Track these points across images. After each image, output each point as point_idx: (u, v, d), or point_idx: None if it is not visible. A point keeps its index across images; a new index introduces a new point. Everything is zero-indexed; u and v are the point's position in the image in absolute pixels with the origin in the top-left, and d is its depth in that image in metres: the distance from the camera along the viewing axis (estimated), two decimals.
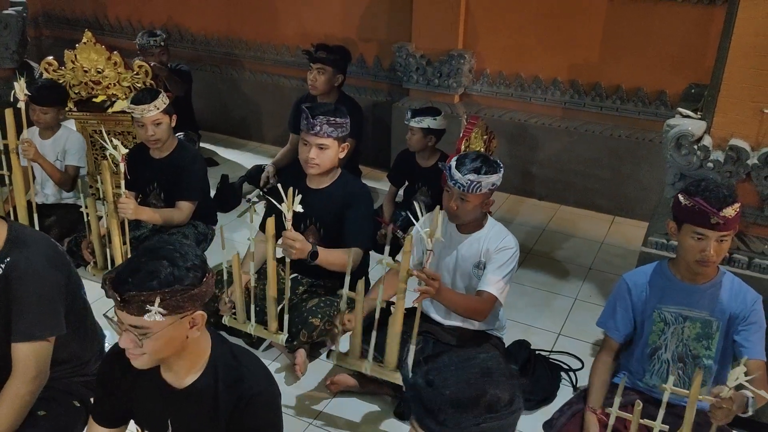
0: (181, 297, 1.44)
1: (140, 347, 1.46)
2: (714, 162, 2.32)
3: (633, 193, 4.09)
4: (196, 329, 1.52)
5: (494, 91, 4.32)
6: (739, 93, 2.29)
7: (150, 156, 3.32)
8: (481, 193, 2.36)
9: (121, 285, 1.42)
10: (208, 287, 1.51)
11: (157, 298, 1.40)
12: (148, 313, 1.41)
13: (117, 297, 1.41)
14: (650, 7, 3.72)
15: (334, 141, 2.66)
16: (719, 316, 2.18)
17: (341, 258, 2.67)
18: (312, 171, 2.70)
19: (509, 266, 2.43)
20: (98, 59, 3.77)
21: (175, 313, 1.45)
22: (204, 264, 1.51)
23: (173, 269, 1.43)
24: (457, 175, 2.35)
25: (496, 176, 2.37)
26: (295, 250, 2.45)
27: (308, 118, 2.63)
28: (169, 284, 1.42)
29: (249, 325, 2.61)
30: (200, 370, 1.60)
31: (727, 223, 2.01)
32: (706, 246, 2.04)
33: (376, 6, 4.52)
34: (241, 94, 5.25)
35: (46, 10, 5.99)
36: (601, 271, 3.58)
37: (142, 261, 1.45)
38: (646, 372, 2.33)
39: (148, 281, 1.41)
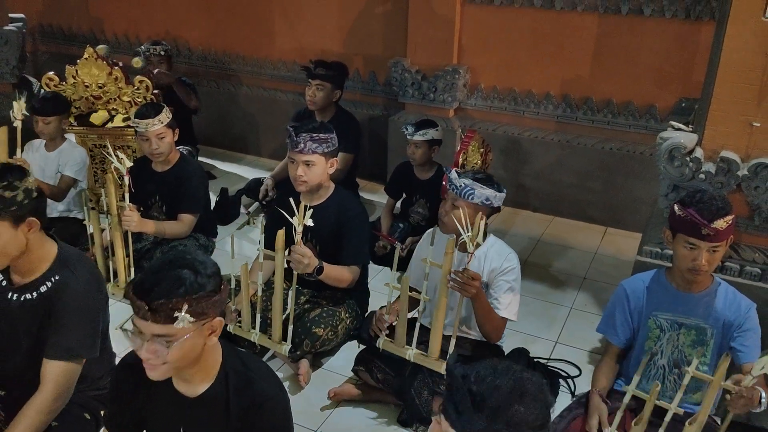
0: (206, 303, 1.49)
1: (164, 356, 1.49)
2: (706, 173, 2.40)
3: (624, 205, 4.18)
4: (213, 336, 1.56)
5: (488, 105, 4.41)
6: (729, 107, 2.37)
7: (152, 169, 3.36)
8: (472, 202, 2.39)
9: (148, 294, 1.45)
10: (225, 294, 1.56)
11: (185, 304, 1.45)
12: (176, 320, 1.44)
13: (145, 306, 1.44)
14: (639, 23, 3.83)
15: (321, 157, 2.71)
16: (713, 323, 2.25)
17: (343, 274, 2.77)
18: (301, 188, 2.76)
19: (516, 286, 2.51)
20: (99, 74, 3.82)
21: (199, 319, 1.49)
22: (220, 272, 1.56)
23: (196, 276, 1.48)
24: (453, 176, 2.43)
25: (491, 191, 2.40)
26: (303, 266, 2.50)
27: (292, 137, 2.69)
28: (195, 291, 1.46)
29: (253, 333, 2.65)
30: (212, 378, 1.63)
31: (718, 235, 2.07)
32: (698, 255, 2.11)
33: (371, 22, 4.61)
34: (239, 109, 5.31)
35: (42, 26, 6.02)
36: (595, 281, 3.65)
37: (163, 270, 1.49)
38: (642, 377, 2.39)
39: (175, 289, 1.45)
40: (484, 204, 2.41)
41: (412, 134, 3.60)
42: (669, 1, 3.71)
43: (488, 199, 2.41)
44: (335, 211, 2.82)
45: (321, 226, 2.78)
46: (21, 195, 1.87)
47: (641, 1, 3.77)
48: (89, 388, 2.17)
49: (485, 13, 4.19)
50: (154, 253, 3.32)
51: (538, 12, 4.06)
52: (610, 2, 3.85)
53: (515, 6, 4.10)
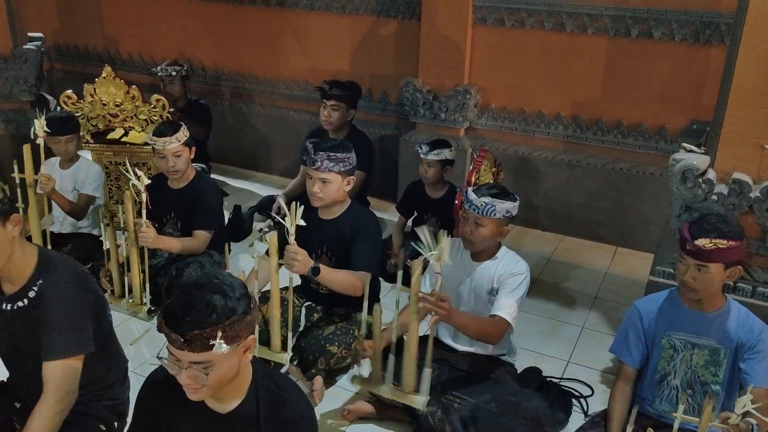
0: (239, 326, 1.48)
1: (204, 380, 1.49)
2: (718, 195, 2.43)
3: (634, 225, 4.20)
4: (248, 353, 1.57)
5: (499, 125, 4.46)
6: (741, 129, 2.41)
7: (168, 186, 3.41)
8: (495, 218, 2.45)
9: (181, 325, 1.44)
10: (255, 312, 1.57)
11: (219, 332, 1.44)
12: (213, 347, 1.44)
13: (180, 339, 1.44)
14: (649, 46, 3.88)
15: (337, 175, 2.74)
16: (727, 344, 2.26)
17: (346, 278, 2.72)
18: (317, 204, 2.80)
19: (520, 291, 2.51)
20: (117, 93, 3.88)
21: (234, 342, 1.49)
22: (247, 291, 1.56)
23: (226, 301, 1.47)
24: (472, 197, 2.45)
25: (510, 204, 2.47)
26: (297, 263, 2.51)
27: (310, 154, 2.73)
28: (227, 316, 1.46)
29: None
30: (243, 395, 1.64)
31: (702, 253, 2.10)
32: (686, 271, 2.16)
33: (383, 42, 4.68)
34: (251, 127, 5.37)
35: (58, 45, 6.12)
36: (606, 301, 3.66)
37: (192, 297, 1.47)
38: (656, 397, 2.40)
39: (207, 317, 1.44)
40: (506, 217, 2.48)
41: (426, 153, 3.64)
42: (678, 25, 3.76)
43: (508, 212, 2.48)
44: (350, 225, 2.85)
45: (335, 239, 2.82)
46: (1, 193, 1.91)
47: (651, 25, 3.82)
48: (103, 397, 2.18)
49: (496, 34, 4.26)
50: (169, 270, 3.35)
51: (549, 34, 4.12)
52: (620, 25, 3.91)
53: (526, 28, 4.16)
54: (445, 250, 2.14)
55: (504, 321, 2.46)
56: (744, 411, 1.86)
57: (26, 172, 3.14)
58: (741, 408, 1.86)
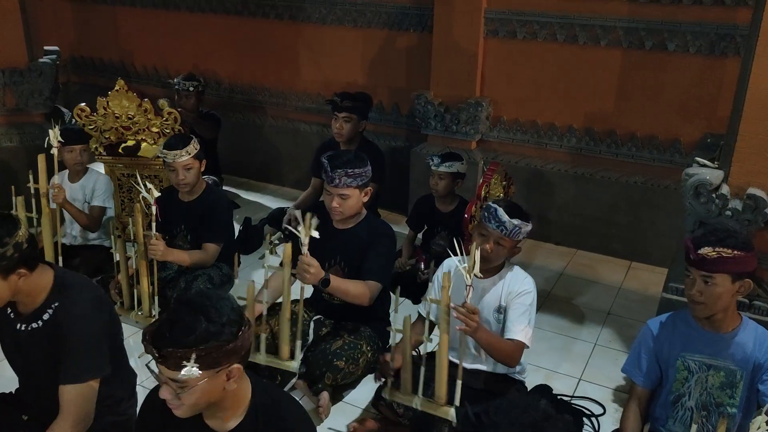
0: (217, 353, 1.46)
1: (179, 400, 1.49)
2: (732, 210, 2.38)
3: (649, 239, 4.13)
4: (233, 381, 1.55)
5: (511, 138, 4.42)
6: (756, 143, 2.36)
7: (178, 199, 3.42)
8: (516, 239, 2.45)
9: (159, 340, 1.44)
10: (244, 341, 1.52)
11: (193, 354, 1.43)
12: (185, 368, 1.43)
13: (155, 352, 1.44)
14: (663, 57, 3.83)
15: (355, 189, 2.76)
16: (743, 365, 2.20)
17: (356, 288, 2.72)
18: (337, 218, 2.83)
19: (531, 310, 2.49)
20: (129, 106, 3.91)
21: (210, 368, 1.47)
22: (240, 317, 1.53)
23: (209, 325, 1.45)
24: (504, 218, 2.42)
25: (529, 224, 2.48)
26: (309, 275, 2.51)
27: (327, 172, 2.73)
28: (204, 340, 1.44)
29: (259, 356, 2.64)
30: (242, 414, 1.62)
31: (706, 263, 2.04)
32: (692, 284, 2.09)
33: (395, 55, 4.67)
34: (263, 139, 5.38)
35: (74, 57, 6.20)
36: (619, 317, 3.60)
37: (179, 315, 1.47)
38: (669, 418, 2.34)
39: (184, 337, 1.43)
40: (523, 237, 2.48)
41: (437, 165, 3.62)
42: (693, 37, 3.71)
43: (527, 233, 2.49)
44: (365, 235, 2.85)
45: (350, 249, 2.81)
46: (11, 250, 1.88)
47: (665, 37, 3.78)
48: (110, 412, 2.18)
49: (508, 46, 4.23)
50: (179, 282, 3.35)
51: (562, 46, 4.09)
52: (633, 37, 3.87)
53: (538, 40, 4.14)
54: (477, 261, 2.15)
55: (521, 344, 2.44)
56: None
57: (40, 182, 3.18)
58: (756, 429, 1.81)
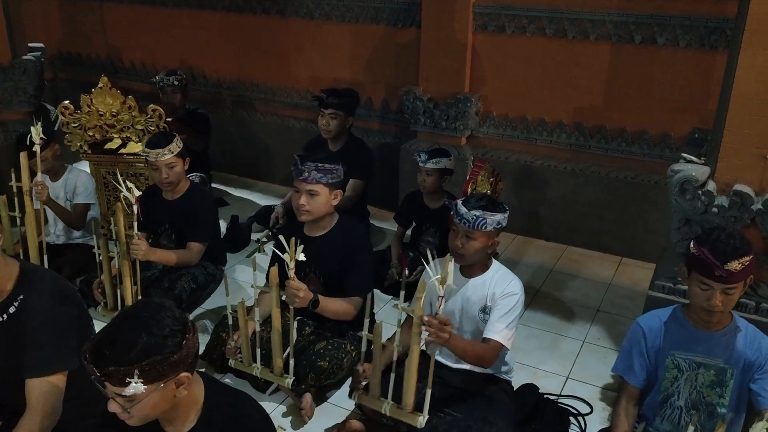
0: (161, 366, 1.43)
1: (128, 413, 1.46)
2: (719, 207, 2.34)
3: (640, 235, 4.10)
4: (182, 389, 1.52)
5: (500, 134, 4.38)
6: (742, 139, 2.33)
7: (162, 197, 3.38)
8: (486, 230, 2.38)
9: (99, 359, 1.40)
10: (188, 349, 1.49)
11: (136, 370, 1.39)
12: (129, 385, 1.40)
13: (96, 371, 1.40)
14: (653, 52, 3.79)
15: (325, 187, 2.70)
16: (734, 363, 2.18)
17: (342, 306, 2.73)
18: (303, 218, 2.74)
19: (515, 312, 2.44)
20: (113, 103, 3.85)
21: (156, 381, 1.44)
22: (183, 326, 1.48)
23: (149, 338, 1.42)
24: (462, 211, 2.38)
25: (501, 215, 2.41)
26: (298, 299, 2.49)
27: (297, 165, 2.68)
28: (146, 355, 1.41)
29: (255, 368, 2.62)
30: (196, 417, 1.60)
31: (732, 277, 2.01)
32: (712, 296, 2.05)
33: (383, 50, 4.63)
34: (252, 136, 5.34)
35: (61, 53, 6.14)
36: (608, 313, 3.57)
37: (119, 330, 1.44)
38: (657, 416, 2.32)
39: (125, 354, 1.40)
40: (496, 229, 2.42)
41: (425, 162, 3.58)
42: (683, 30, 3.67)
43: (499, 223, 2.42)
44: (339, 242, 2.80)
45: (324, 257, 2.76)
46: None
47: (654, 30, 3.74)
48: (86, 414, 2.13)
49: (497, 41, 4.19)
50: (162, 282, 3.32)
51: (551, 41, 4.04)
52: (623, 31, 3.83)
53: (527, 35, 4.09)
54: (450, 273, 2.09)
55: (498, 344, 2.40)
56: None
57: (23, 180, 3.14)
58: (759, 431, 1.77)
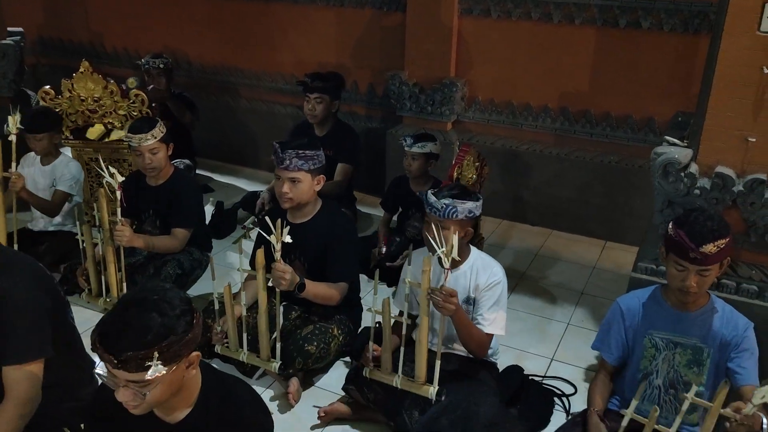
0: (178, 346, 1.42)
1: (142, 398, 1.45)
2: (701, 189, 2.37)
3: (624, 218, 4.14)
4: (192, 368, 1.53)
5: (486, 118, 4.39)
6: (724, 122, 2.34)
7: (146, 183, 3.35)
8: (457, 219, 2.38)
9: (114, 346, 1.38)
10: (199, 329, 1.50)
11: (155, 352, 1.38)
12: (149, 369, 1.38)
13: (113, 359, 1.38)
14: (637, 36, 3.80)
15: (307, 174, 2.69)
16: (710, 343, 2.21)
17: (328, 291, 2.74)
18: (286, 205, 2.74)
19: (502, 300, 2.48)
20: (95, 88, 3.81)
21: (173, 362, 1.43)
22: (190, 305, 1.49)
23: (164, 319, 1.41)
24: (432, 200, 2.39)
25: (472, 203, 2.40)
26: (285, 281, 2.49)
27: (278, 153, 2.67)
28: (164, 337, 1.40)
29: (241, 353, 2.62)
30: (192, 403, 1.60)
31: (707, 259, 2.04)
32: (686, 277, 2.09)
33: (369, 35, 4.60)
34: (237, 121, 5.30)
35: (42, 38, 6.05)
36: (593, 296, 3.61)
37: (129, 315, 1.41)
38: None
39: (142, 338, 1.38)
40: (468, 217, 2.41)
41: (410, 146, 3.58)
42: (667, 15, 3.68)
43: (471, 212, 2.41)
44: (323, 228, 2.80)
45: (308, 243, 2.76)
46: None
47: (639, 15, 3.75)
48: (67, 398, 2.13)
49: (482, 25, 4.18)
50: (148, 268, 3.30)
51: (536, 25, 4.04)
52: (608, 15, 3.83)
53: (512, 19, 4.09)
54: (455, 246, 2.14)
55: (492, 336, 2.47)
56: (762, 401, 1.80)
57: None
58: (759, 398, 1.80)
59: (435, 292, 2.25)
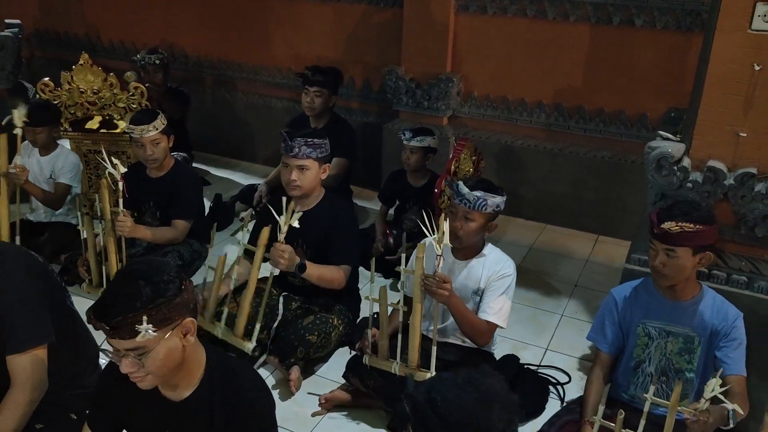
0: (167, 309, 1.48)
1: (143, 368, 1.50)
2: (693, 182, 2.43)
3: (616, 213, 4.21)
4: (189, 336, 1.56)
5: (481, 114, 4.44)
6: (716, 117, 2.40)
7: (146, 175, 3.38)
8: (485, 212, 2.44)
9: (106, 313, 1.44)
10: (189, 294, 1.55)
11: (144, 316, 1.44)
12: (140, 333, 1.44)
13: (105, 326, 1.44)
14: (631, 34, 3.87)
15: (314, 162, 2.75)
16: (701, 331, 2.28)
17: (330, 273, 2.77)
18: (294, 192, 2.78)
19: (509, 293, 2.52)
20: (94, 80, 3.84)
21: (164, 325, 1.48)
22: (179, 273, 1.55)
23: (151, 285, 1.47)
24: (465, 191, 2.43)
25: (500, 198, 2.46)
26: (284, 261, 2.53)
27: (287, 141, 2.72)
28: (151, 300, 1.45)
29: (218, 328, 2.66)
30: (196, 382, 1.64)
31: (669, 237, 2.13)
32: (655, 256, 2.18)
33: (366, 30, 4.64)
34: (233, 115, 5.33)
35: (38, 31, 6.04)
36: (586, 288, 3.68)
37: (118, 286, 1.48)
38: (630, 384, 2.42)
39: (131, 304, 1.44)
40: (495, 211, 2.47)
41: (409, 140, 3.63)
42: (660, 13, 3.75)
43: (498, 206, 2.48)
44: (325, 216, 2.85)
45: (311, 231, 2.80)
46: None
47: (632, 12, 3.81)
48: (72, 385, 2.16)
49: (478, 22, 4.23)
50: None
51: (531, 22, 4.10)
52: (602, 13, 3.90)
53: (508, 15, 4.14)
54: (447, 232, 2.18)
55: (495, 326, 2.50)
56: (712, 395, 1.88)
57: (0, 162, 3.10)
58: (710, 392, 1.88)
59: (428, 278, 2.28)
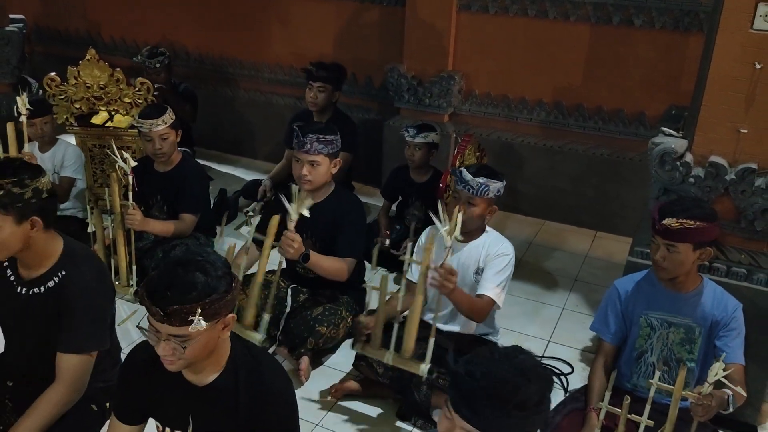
0: (218, 304, 1.53)
1: (181, 353, 1.54)
2: (695, 177, 2.50)
3: (614, 209, 4.28)
4: (226, 330, 1.62)
5: (482, 111, 4.50)
6: (718, 114, 2.47)
7: (154, 169, 3.42)
8: (487, 197, 2.53)
9: (162, 300, 1.49)
10: (237, 291, 1.61)
11: (199, 308, 1.49)
12: (192, 323, 1.49)
13: (160, 312, 1.49)
14: (630, 33, 3.94)
15: (326, 157, 2.79)
16: (701, 322, 2.35)
17: (334, 264, 2.81)
18: (306, 187, 2.82)
19: (506, 272, 2.58)
20: (101, 76, 3.86)
21: (213, 319, 1.54)
22: (230, 269, 1.60)
23: (208, 279, 1.52)
24: (468, 177, 2.51)
25: (501, 183, 2.56)
26: (293, 250, 2.57)
27: (299, 137, 2.76)
28: (207, 294, 1.51)
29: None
30: (221, 368, 1.68)
31: (670, 233, 2.19)
32: (656, 251, 2.25)
33: (367, 27, 4.69)
34: (235, 112, 5.36)
35: (38, 27, 6.03)
36: (586, 282, 3.75)
37: (176, 274, 1.52)
38: (633, 373, 2.49)
39: (188, 293, 1.49)
40: (496, 196, 2.56)
41: (414, 136, 3.68)
42: (658, 13, 3.83)
43: (499, 191, 2.57)
44: (333, 209, 2.89)
45: (319, 223, 2.84)
46: (29, 193, 1.88)
47: (631, 12, 3.89)
48: (95, 379, 2.20)
49: (480, 20, 4.29)
50: (156, 252, 3.36)
51: (532, 21, 4.16)
52: (601, 13, 3.97)
53: (509, 14, 4.20)
54: (458, 225, 2.22)
55: (490, 300, 2.54)
56: (716, 379, 1.95)
57: (10, 151, 3.14)
58: (713, 376, 1.95)
59: (437, 270, 2.30)
